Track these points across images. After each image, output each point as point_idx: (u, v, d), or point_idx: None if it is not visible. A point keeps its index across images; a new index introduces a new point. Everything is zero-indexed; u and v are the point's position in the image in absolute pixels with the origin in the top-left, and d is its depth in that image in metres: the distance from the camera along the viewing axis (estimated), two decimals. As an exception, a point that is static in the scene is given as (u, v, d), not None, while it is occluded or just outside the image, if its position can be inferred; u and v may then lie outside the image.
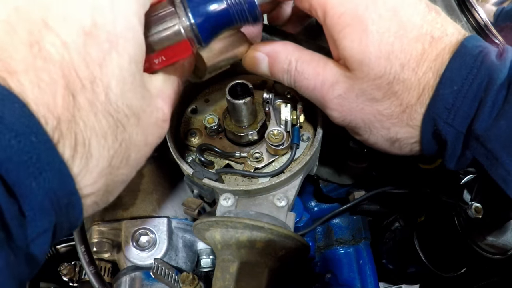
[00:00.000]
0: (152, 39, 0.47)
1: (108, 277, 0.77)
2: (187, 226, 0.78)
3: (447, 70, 0.50)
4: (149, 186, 0.78)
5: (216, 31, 0.49)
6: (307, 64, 0.56)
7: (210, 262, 0.80)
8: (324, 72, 0.55)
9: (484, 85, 0.49)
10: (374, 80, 0.52)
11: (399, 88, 0.52)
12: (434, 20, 0.52)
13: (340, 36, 0.52)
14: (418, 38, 0.51)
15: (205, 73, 0.57)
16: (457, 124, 0.50)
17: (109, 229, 0.76)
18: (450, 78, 0.50)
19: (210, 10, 0.48)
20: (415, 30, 0.51)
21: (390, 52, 0.50)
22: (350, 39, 0.51)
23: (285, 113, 0.67)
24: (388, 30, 0.50)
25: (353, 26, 0.51)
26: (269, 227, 0.60)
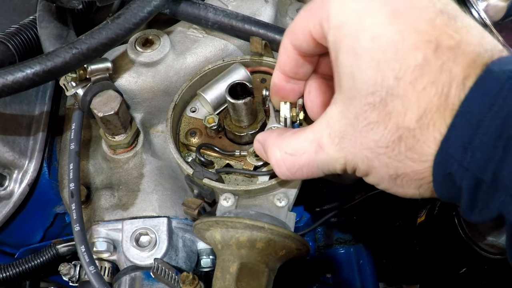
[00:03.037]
0: None
1: (108, 277, 0.77)
2: (187, 226, 0.78)
3: (468, 95, 0.41)
4: (149, 186, 0.78)
5: None
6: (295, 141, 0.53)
7: (210, 262, 0.80)
8: (315, 133, 0.51)
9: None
10: (366, 98, 0.45)
11: (394, 106, 0.43)
12: (445, 25, 0.44)
13: (338, 49, 0.47)
14: (418, 45, 0.43)
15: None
16: (475, 168, 0.40)
17: (109, 229, 0.76)
18: (466, 108, 0.41)
19: None
20: (416, 36, 0.43)
21: (382, 60, 0.43)
22: (345, 50, 0.46)
23: (284, 110, 0.65)
24: (381, 35, 0.44)
25: (349, 36, 0.46)
26: (269, 227, 0.60)
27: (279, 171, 0.55)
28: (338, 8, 0.47)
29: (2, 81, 0.64)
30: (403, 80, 0.43)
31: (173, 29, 0.83)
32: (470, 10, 0.76)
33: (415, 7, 0.45)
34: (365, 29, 0.45)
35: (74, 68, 0.69)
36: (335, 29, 0.47)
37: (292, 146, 0.53)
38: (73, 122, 0.78)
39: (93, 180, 0.82)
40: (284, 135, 0.55)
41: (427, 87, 0.42)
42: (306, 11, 0.52)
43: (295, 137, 0.54)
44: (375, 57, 0.44)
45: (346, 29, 0.46)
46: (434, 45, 0.43)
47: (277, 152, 0.54)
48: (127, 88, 0.78)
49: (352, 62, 0.45)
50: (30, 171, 0.83)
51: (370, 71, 0.44)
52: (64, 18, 0.79)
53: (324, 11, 0.48)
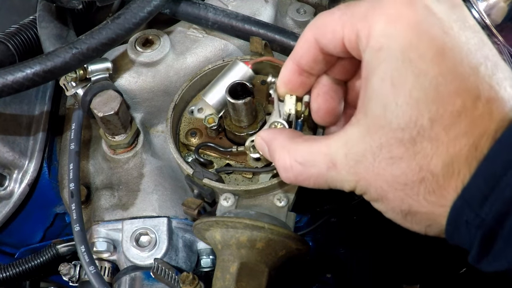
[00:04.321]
0: None
1: (108, 277, 0.77)
2: (187, 226, 0.78)
3: (494, 146, 0.41)
4: (149, 186, 0.78)
5: None
6: (307, 151, 0.51)
7: (210, 262, 0.80)
8: (329, 148, 0.49)
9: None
10: (395, 132, 0.43)
11: (422, 148, 0.42)
12: (488, 74, 0.43)
13: (373, 72, 0.45)
14: (459, 91, 0.42)
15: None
16: (492, 220, 0.40)
17: (109, 229, 0.76)
18: (491, 159, 0.40)
19: None
20: (459, 81, 0.42)
21: (421, 99, 0.42)
22: (381, 76, 0.44)
23: (289, 104, 0.60)
24: (425, 73, 0.42)
25: (389, 63, 0.43)
26: (270, 227, 0.60)
27: (285, 176, 0.54)
28: (383, 28, 0.44)
29: (2, 81, 0.64)
30: (438, 123, 0.42)
31: (173, 29, 0.83)
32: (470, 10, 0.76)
33: (462, 49, 0.43)
34: (409, 63, 0.43)
35: (74, 68, 0.69)
36: (375, 51, 0.45)
37: (303, 156, 0.51)
38: (73, 122, 0.78)
39: (93, 180, 0.82)
40: (295, 141, 0.53)
41: (459, 136, 0.42)
42: (343, 13, 0.48)
43: (307, 146, 0.51)
44: (414, 95, 0.42)
45: (388, 56, 0.44)
46: (474, 95, 0.42)
47: (286, 157, 0.52)
48: (127, 88, 0.78)
49: (388, 92, 0.44)
50: (30, 171, 0.83)
51: (406, 107, 0.43)
52: (64, 18, 0.79)
53: (365, 24, 0.45)
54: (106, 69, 0.74)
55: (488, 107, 0.42)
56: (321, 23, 0.51)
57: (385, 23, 0.44)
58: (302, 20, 0.92)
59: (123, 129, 0.76)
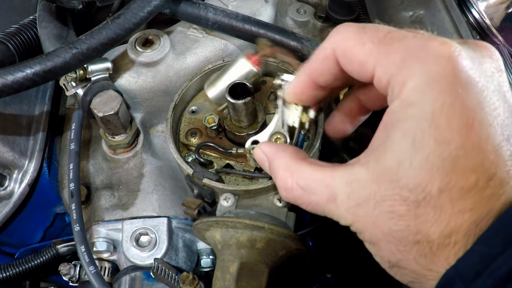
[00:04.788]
0: None
1: (108, 277, 0.77)
2: (187, 226, 0.78)
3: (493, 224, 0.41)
4: (149, 186, 0.78)
5: None
6: (310, 177, 0.50)
7: (210, 262, 0.80)
8: (334, 180, 0.48)
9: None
10: (402, 189, 0.43)
11: (424, 213, 0.42)
12: (506, 156, 0.42)
13: (396, 125, 0.44)
14: (476, 168, 0.41)
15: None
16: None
17: (109, 229, 0.76)
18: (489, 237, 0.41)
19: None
20: (479, 158, 0.41)
21: (437, 167, 0.41)
22: (404, 132, 0.43)
23: (294, 116, 0.58)
24: (448, 143, 0.41)
25: (416, 122, 0.42)
26: (270, 227, 0.60)
27: (285, 195, 0.53)
28: (417, 86, 0.43)
29: (2, 81, 0.64)
30: (446, 195, 0.41)
31: (173, 29, 0.83)
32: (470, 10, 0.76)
33: (491, 125, 0.42)
34: (435, 129, 0.42)
35: (74, 68, 0.69)
36: (405, 105, 0.43)
37: (306, 181, 0.50)
38: (73, 122, 0.78)
39: (93, 180, 0.82)
40: (299, 162, 0.52)
41: (464, 212, 0.41)
42: (376, 50, 0.46)
43: (311, 171, 0.50)
44: (430, 161, 0.42)
45: (416, 114, 0.42)
46: (489, 175, 0.41)
47: (288, 179, 0.51)
48: (127, 88, 0.78)
49: (406, 149, 0.43)
50: (30, 171, 0.83)
51: (419, 170, 0.42)
52: (64, 18, 0.79)
53: (401, 74, 0.44)
54: (106, 69, 0.74)
55: (499, 188, 0.41)
56: (348, 49, 0.48)
57: (423, 80, 0.43)
58: (302, 20, 0.92)
59: (123, 129, 0.76)
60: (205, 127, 0.73)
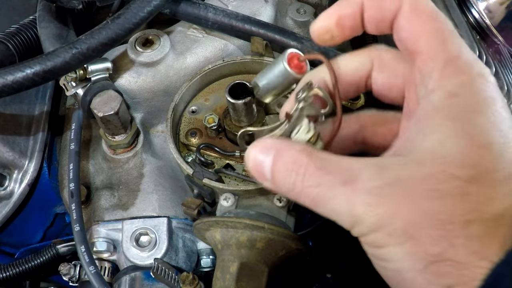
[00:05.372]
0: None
1: (108, 277, 0.77)
2: (187, 226, 0.78)
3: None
4: (149, 186, 0.78)
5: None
6: (328, 159, 0.43)
7: (210, 262, 0.80)
8: (358, 163, 0.41)
9: None
10: (448, 166, 0.39)
11: (475, 192, 0.38)
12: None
13: (439, 111, 0.41)
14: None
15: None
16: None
17: (109, 229, 0.76)
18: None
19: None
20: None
21: (483, 147, 0.39)
22: (446, 117, 0.41)
23: (303, 133, 0.48)
24: (498, 127, 0.40)
25: (461, 109, 0.40)
26: (269, 227, 0.60)
27: (289, 175, 0.43)
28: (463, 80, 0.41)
29: (2, 81, 0.64)
30: (497, 174, 0.39)
31: (173, 29, 0.83)
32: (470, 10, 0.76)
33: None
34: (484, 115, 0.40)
35: (74, 68, 0.69)
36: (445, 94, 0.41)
37: (323, 162, 0.42)
38: (73, 122, 0.78)
39: (93, 180, 0.82)
40: (316, 150, 0.45)
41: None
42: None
43: (331, 155, 0.43)
44: (481, 141, 0.39)
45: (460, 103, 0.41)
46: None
47: (304, 159, 0.43)
48: (127, 88, 0.78)
49: (451, 132, 0.40)
50: (30, 171, 0.83)
51: (470, 149, 0.39)
52: (64, 18, 0.79)
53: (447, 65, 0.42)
54: (106, 69, 0.74)
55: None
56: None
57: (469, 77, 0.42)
58: (302, 20, 0.92)
59: (123, 129, 0.76)
60: (205, 127, 0.73)
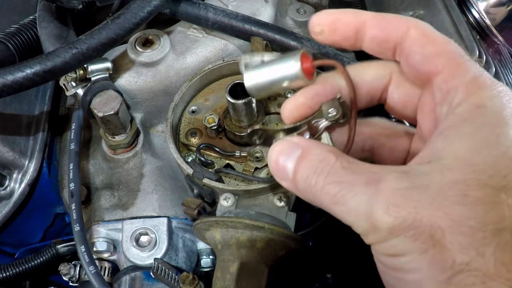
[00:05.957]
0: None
1: (108, 277, 0.77)
2: (187, 226, 0.78)
3: None
4: (149, 186, 0.78)
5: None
6: (355, 162, 0.41)
7: (210, 262, 0.80)
8: (382, 168, 0.40)
9: None
10: (479, 174, 0.37)
11: (506, 200, 0.37)
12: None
13: (466, 120, 0.40)
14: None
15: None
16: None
17: (109, 229, 0.76)
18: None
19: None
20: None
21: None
22: (476, 127, 0.39)
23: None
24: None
25: (489, 119, 0.39)
26: (270, 227, 0.60)
27: (313, 171, 0.42)
28: (490, 94, 0.40)
29: (2, 81, 0.64)
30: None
31: (173, 29, 0.83)
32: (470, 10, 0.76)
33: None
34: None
35: (74, 68, 0.69)
36: (471, 106, 0.40)
37: (350, 163, 0.41)
38: (73, 122, 0.78)
39: (93, 180, 0.82)
40: (344, 153, 0.43)
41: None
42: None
43: (358, 160, 0.42)
44: (510, 151, 0.38)
45: (488, 114, 0.40)
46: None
47: (332, 157, 0.41)
48: (127, 88, 0.78)
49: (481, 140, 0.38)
50: (30, 171, 0.83)
51: (500, 159, 0.38)
52: (64, 18, 0.79)
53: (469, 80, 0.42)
54: (106, 69, 0.74)
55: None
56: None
57: (495, 91, 0.41)
58: (302, 20, 0.92)
59: (123, 129, 0.76)
60: (205, 127, 0.73)
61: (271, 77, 0.49)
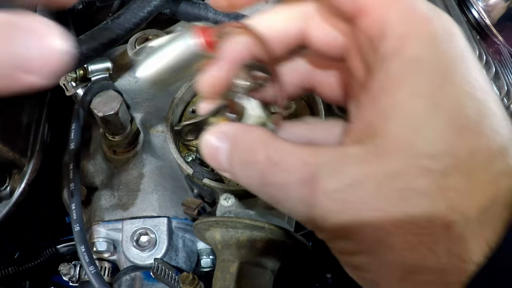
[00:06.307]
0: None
1: (108, 277, 0.77)
2: (187, 226, 0.78)
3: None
4: (149, 186, 0.78)
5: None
6: (286, 151, 0.36)
7: (210, 262, 0.80)
8: (316, 158, 0.35)
9: None
10: (420, 158, 0.32)
11: (454, 185, 0.32)
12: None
13: (401, 84, 0.34)
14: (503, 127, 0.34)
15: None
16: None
17: (109, 229, 0.76)
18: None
19: None
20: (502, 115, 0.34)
21: (464, 126, 0.33)
22: (412, 93, 0.33)
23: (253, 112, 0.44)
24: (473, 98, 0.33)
25: (429, 78, 0.33)
26: (270, 227, 0.60)
27: (248, 174, 0.39)
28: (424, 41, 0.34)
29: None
30: (476, 158, 0.33)
31: (173, 29, 0.83)
32: (470, 10, 0.76)
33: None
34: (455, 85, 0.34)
35: (74, 68, 0.69)
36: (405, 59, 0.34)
37: (280, 155, 0.36)
38: (73, 122, 0.78)
39: (93, 180, 0.82)
40: (275, 138, 0.39)
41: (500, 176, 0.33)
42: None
43: (290, 146, 0.37)
44: (456, 120, 0.33)
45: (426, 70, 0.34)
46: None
47: (261, 152, 0.37)
48: (127, 88, 0.78)
49: (420, 112, 0.33)
50: (30, 171, 0.83)
51: (443, 133, 0.33)
52: (64, 18, 0.79)
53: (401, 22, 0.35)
54: (106, 69, 0.74)
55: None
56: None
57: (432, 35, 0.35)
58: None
59: (123, 129, 0.76)
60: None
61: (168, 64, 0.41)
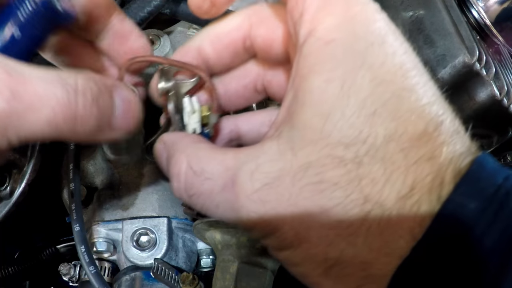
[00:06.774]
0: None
1: (108, 277, 0.77)
2: (187, 226, 0.78)
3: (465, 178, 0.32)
4: (149, 186, 0.78)
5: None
6: (207, 159, 0.37)
7: (210, 262, 0.80)
8: (236, 161, 0.35)
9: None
10: (334, 148, 0.32)
11: (370, 173, 0.31)
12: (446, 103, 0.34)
13: (314, 69, 0.33)
14: (423, 111, 0.32)
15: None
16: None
17: (109, 229, 0.76)
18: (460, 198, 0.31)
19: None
20: (423, 100, 0.33)
21: (379, 112, 0.32)
22: (327, 76, 0.32)
23: (193, 122, 0.45)
24: (387, 82, 0.32)
25: (342, 62, 0.32)
26: (269, 227, 0.60)
27: (176, 186, 0.39)
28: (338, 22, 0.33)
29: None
30: (394, 144, 0.31)
31: (173, 29, 0.83)
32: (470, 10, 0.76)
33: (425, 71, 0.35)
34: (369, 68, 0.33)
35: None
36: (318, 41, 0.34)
37: (202, 163, 0.37)
38: (73, 122, 0.77)
39: (93, 180, 0.82)
40: (198, 145, 0.40)
41: (421, 162, 0.32)
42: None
43: (210, 152, 0.38)
44: (370, 106, 0.32)
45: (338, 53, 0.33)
46: (438, 121, 0.33)
47: (183, 162, 0.38)
48: (127, 88, 0.78)
49: (333, 98, 0.32)
50: (30, 171, 0.83)
51: (357, 119, 0.31)
52: (64, 18, 0.79)
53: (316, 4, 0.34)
54: (106, 69, 0.74)
55: (449, 136, 0.33)
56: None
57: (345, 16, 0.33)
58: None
59: (123, 129, 0.76)
60: (205, 127, 0.73)
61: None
